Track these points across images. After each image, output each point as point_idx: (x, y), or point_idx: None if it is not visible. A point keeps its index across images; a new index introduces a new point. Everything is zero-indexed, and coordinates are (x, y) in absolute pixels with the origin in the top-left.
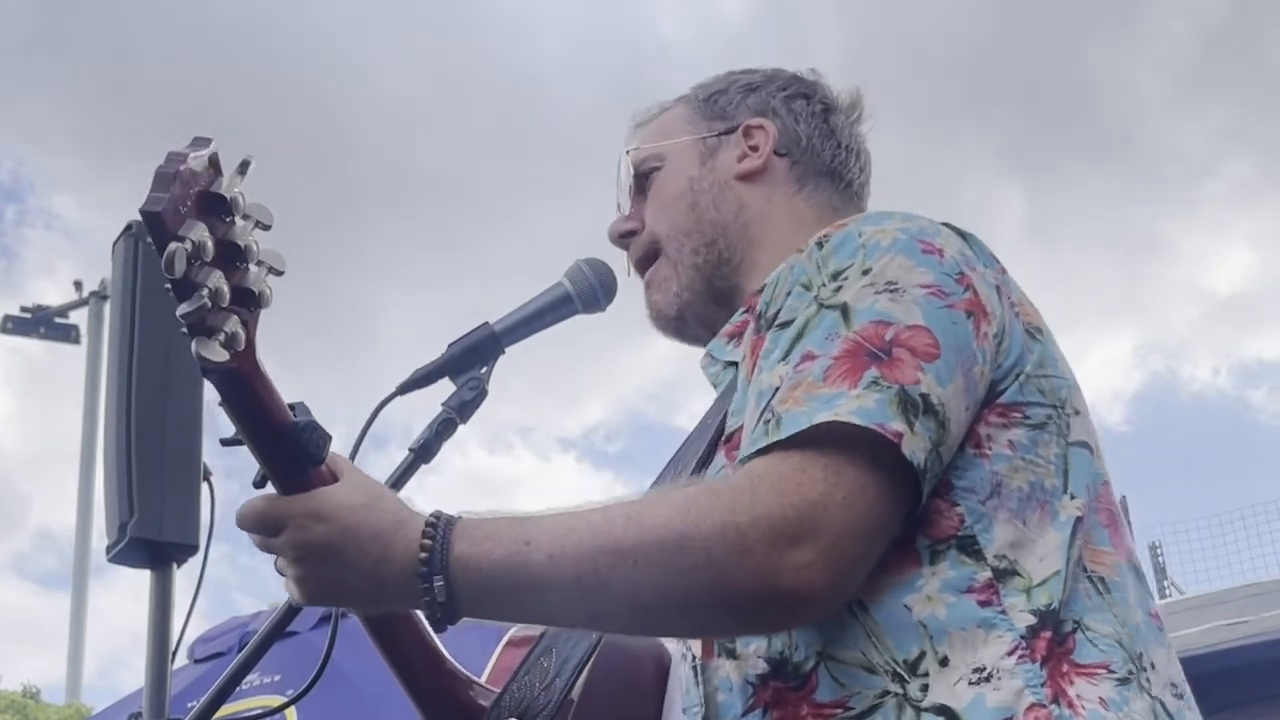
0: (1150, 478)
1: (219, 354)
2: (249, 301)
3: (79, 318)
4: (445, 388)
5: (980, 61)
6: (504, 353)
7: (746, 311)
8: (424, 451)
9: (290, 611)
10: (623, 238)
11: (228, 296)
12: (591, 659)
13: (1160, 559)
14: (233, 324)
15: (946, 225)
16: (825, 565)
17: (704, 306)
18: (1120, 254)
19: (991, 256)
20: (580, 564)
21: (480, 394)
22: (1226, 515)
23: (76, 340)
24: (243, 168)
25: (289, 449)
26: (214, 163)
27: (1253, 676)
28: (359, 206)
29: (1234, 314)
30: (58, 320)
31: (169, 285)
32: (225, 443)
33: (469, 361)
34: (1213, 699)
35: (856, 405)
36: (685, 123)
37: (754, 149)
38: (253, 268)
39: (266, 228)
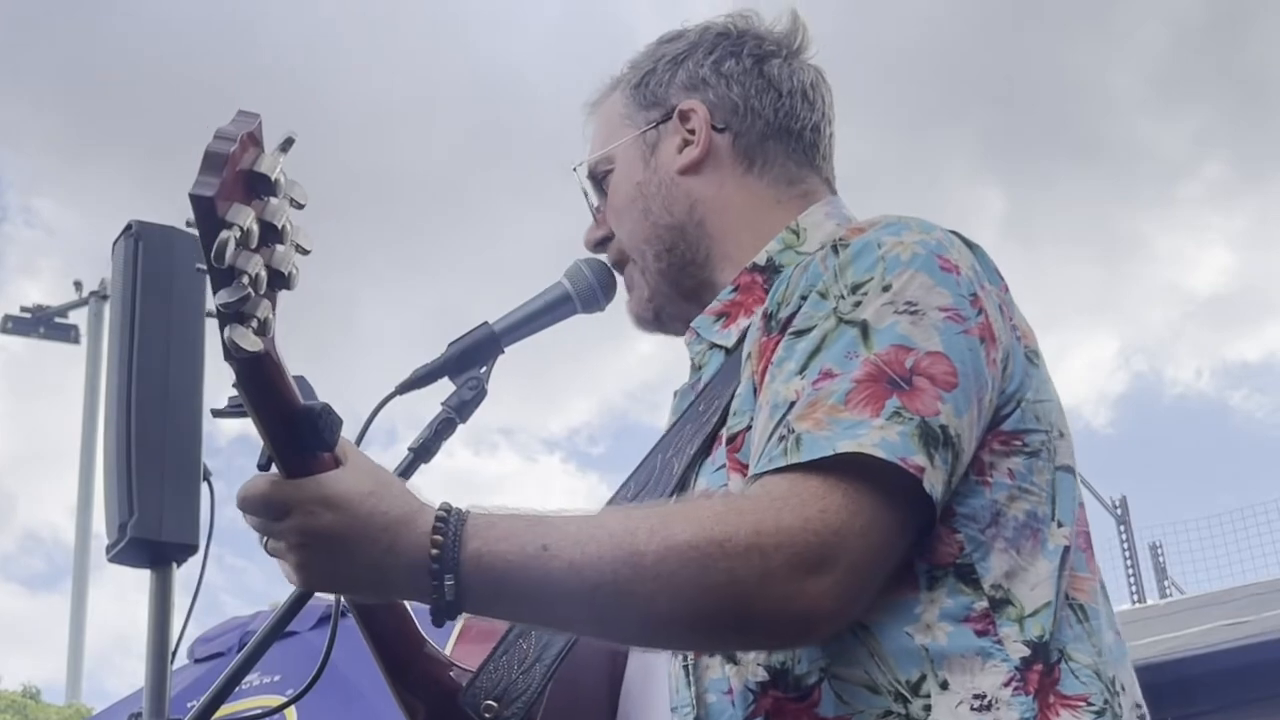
0: (1139, 480)
1: (253, 343)
2: (278, 283)
3: (79, 317)
4: (444, 387)
5: (956, 62)
6: (503, 352)
7: (735, 289)
8: (423, 451)
9: (290, 611)
10: (597, 246)
11: (265, 282)
12: (574, 647)
13: (1160, 559)
14: (264, 309)
15: (955, 234)
16: (839, 592)
17: (676, 306)
18: (1100, 255)
19: (996, 272)
20: (600, 574)
21: (480, 393)
22: (1226, 516)
23: (76, 340)
24: (286, 145)
25: (301, 433)
26: (256, 139)
27: (1253, 676)
28: (337, 204)
29: (1214, 315)
30: (57, 320)
31: (205, 269)
32: (217, 414)
33: (468, 361)
34: (1213, 699)
35: (880, 437)
36: (623, 117)
37: (692, 133)
38: (281, 247)
39: (300, 206)
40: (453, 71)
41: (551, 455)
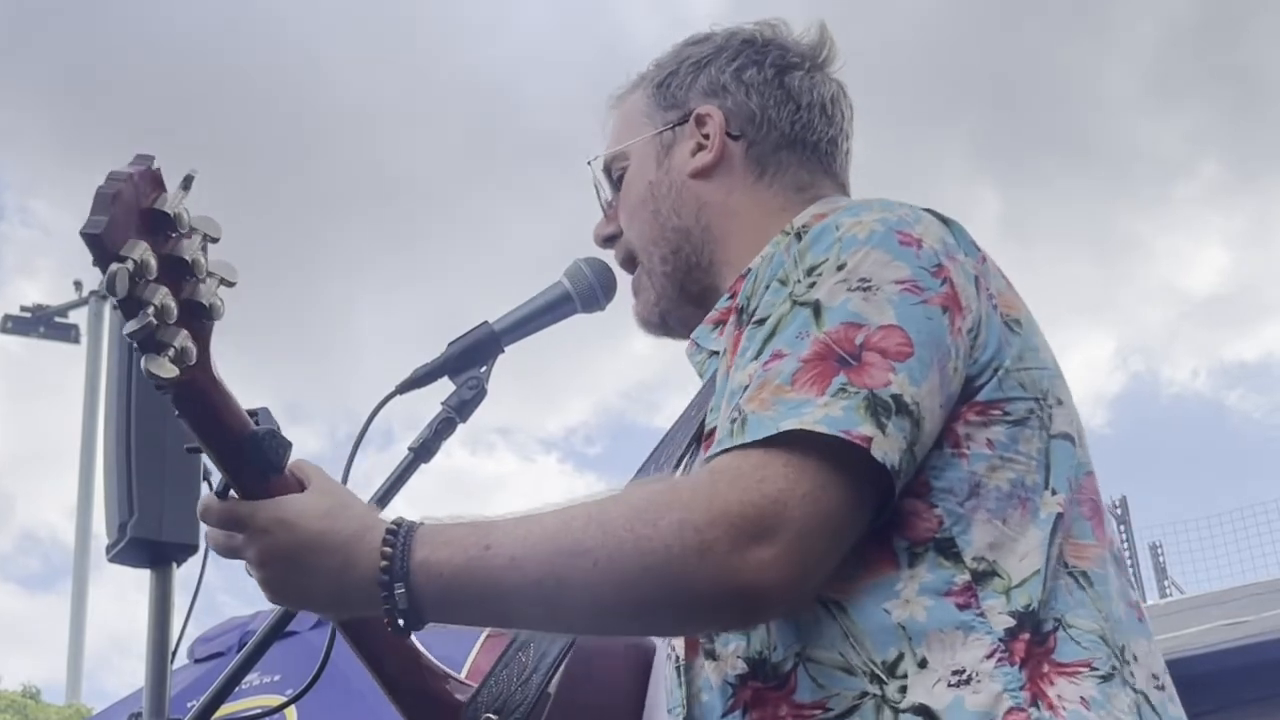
0: (1138, 480)
1: (168, 370)
2: (200, 314)
3: (79, 317)
4: (443, 387)
5: (950, 62)
6: (503, 352)
7: (731, 297)
8: (424, 451)
9: (290, 611)
10: (606, 242)
11: (175, 312)
12: (569, 654)
13: (1160, 559)
14: (182, 339)
15: (929, 211)
16: (786, 562)
17: (682, 310)
18: (1096, 254)
19: (973, 245)
20: (541, 567)
21: (480, 393)
22: (1225, 516)
23: (76, 340)
24: (186, 183)
25: (248, 458)
26: (156, 179)
27: (1253, 676)
28: (330, 207)
29: (1211, 315)
30: (57, 320)
31: (115, 305)
32: (190, 449)
33: (468, 360)
34: (1213, 699)
35: (823, 414)
36: (643, 115)
37: (707, 137)
38: (203, 281)
39: (214, 240)
40: (442, 75)
41: (548, 455)
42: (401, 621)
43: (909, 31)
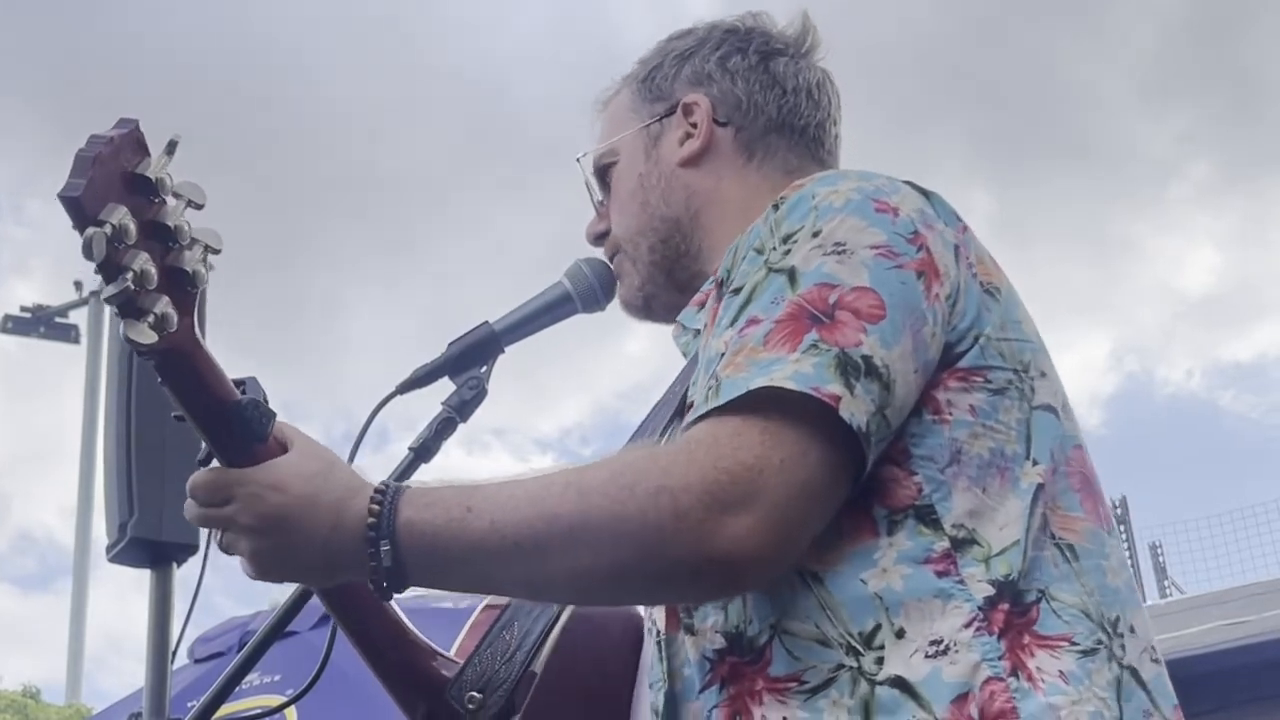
0: (1135, 480)
1: (147, 336)
2: (183, 281)
3: (79, 317)
4: (443, 387)
5: (944, 63)
6: (504, 352)
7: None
8: (424, 451)
9: (290, 611)
10: (598, 239)
11: (155, 278)
12: (554, 633)
13: (1160, 559)
14: (162, 305)
15: (907, 183)
16: (764, 530)
17: (669, 296)
18: (1092, 255)
19: (953, 215)
20: (519, 530)
21: (480, 393)
22: (1225, 516)
23: (76, 340)
24: (170, 148)
25: (232, 426)
26: (139, 144)
27: (1253, 676)
28: (326, 207)
29: (1206, 315)
30: (57, 320)
31: (95, 270)
32: (178, 418)
33: (469, 360)
34: (1212, 699)
35: (794, 369)
36: (630, 111)
37: (694, 126)
38: (186, 248)
39: (199, 207)
40: (436, 75)
41: (544, 455)
42: (385, 583)
43: (904, 32)
